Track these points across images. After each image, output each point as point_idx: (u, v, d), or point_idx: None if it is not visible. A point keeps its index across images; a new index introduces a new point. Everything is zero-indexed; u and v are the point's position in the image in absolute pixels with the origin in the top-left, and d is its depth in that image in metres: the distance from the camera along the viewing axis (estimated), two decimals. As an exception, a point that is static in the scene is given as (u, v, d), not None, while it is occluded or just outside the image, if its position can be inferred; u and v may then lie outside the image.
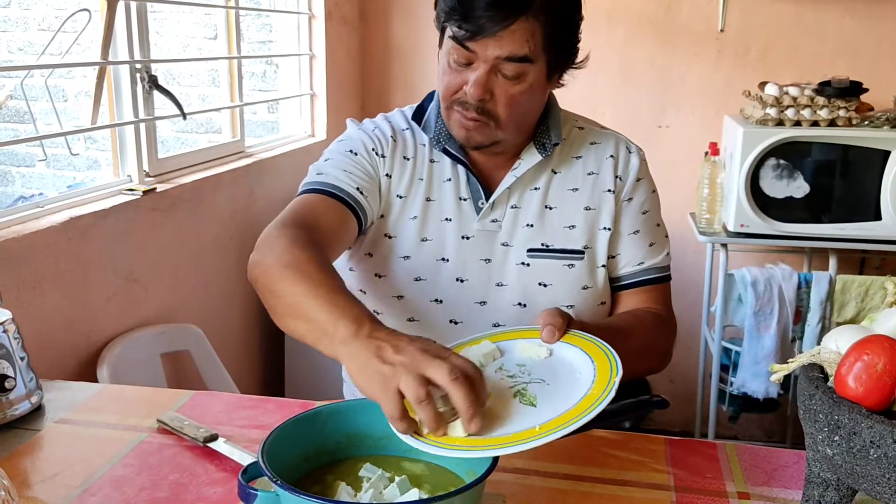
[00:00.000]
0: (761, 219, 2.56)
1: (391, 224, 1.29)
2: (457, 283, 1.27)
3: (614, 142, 1.36)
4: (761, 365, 2.67)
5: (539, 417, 0.89)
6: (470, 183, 1.29)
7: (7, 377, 1.17)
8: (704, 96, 3.06)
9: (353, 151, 1.30)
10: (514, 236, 1.29)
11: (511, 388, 0.96)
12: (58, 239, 1.71)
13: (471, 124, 1.20)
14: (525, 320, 1.24)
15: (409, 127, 1.35)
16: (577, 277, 1.28)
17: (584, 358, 0.99)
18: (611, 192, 1.32)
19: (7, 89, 2.86)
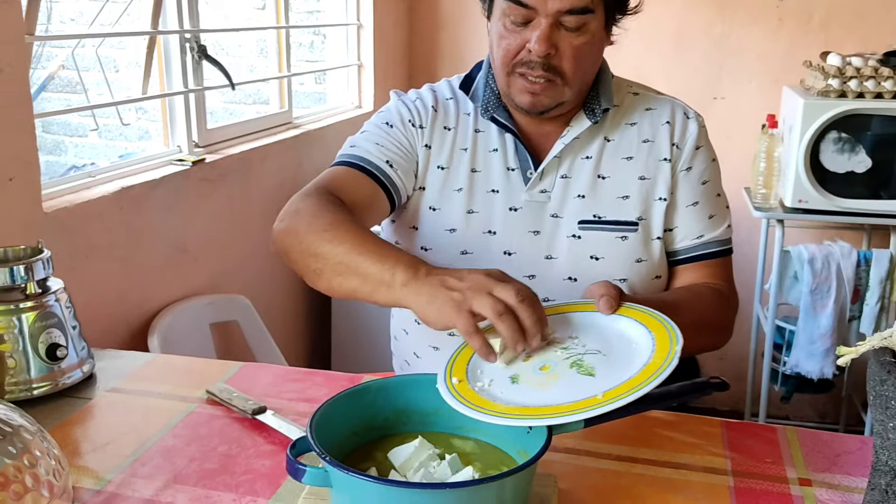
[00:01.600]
0: (820, 194, 2.47)
1: (434, 196, 1.27)
2: (505, 256, 1.24)
3: (671, 107, 1.30)
4: (816, 345, 2.60)
5: (599, 386, 0.86)
6: (518, 152, 1.26)
7: (59, 346, 1.18)
8: (763, 66, 2.96)
9: (388, 123, 1.29)
10: (565, 207, 1.24)
11: (567, 360, 0.94)
12: (109, 208, 1.72)
13: (538, 86, 1.17)
14: (575, 295, 1.18)
15: (453, 96, 1.32)
16: (631, 250, 1.24)
17: (641, 329, 0.96)
18: (667, 160, 1.26)
19: (59, 60, 2.90)
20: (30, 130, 1.49)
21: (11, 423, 0.89)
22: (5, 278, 1.16)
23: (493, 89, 1.26)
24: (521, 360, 0.95)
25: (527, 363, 0.95)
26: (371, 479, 0.81)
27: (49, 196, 1.62)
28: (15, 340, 1.15)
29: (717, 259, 1.29)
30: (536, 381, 0.91)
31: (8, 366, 1.15)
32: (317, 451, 0.81)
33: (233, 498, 0.95)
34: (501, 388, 0.91)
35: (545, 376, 0.91)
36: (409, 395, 0.97)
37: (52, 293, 1.20)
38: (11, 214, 1.46)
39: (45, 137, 3.41)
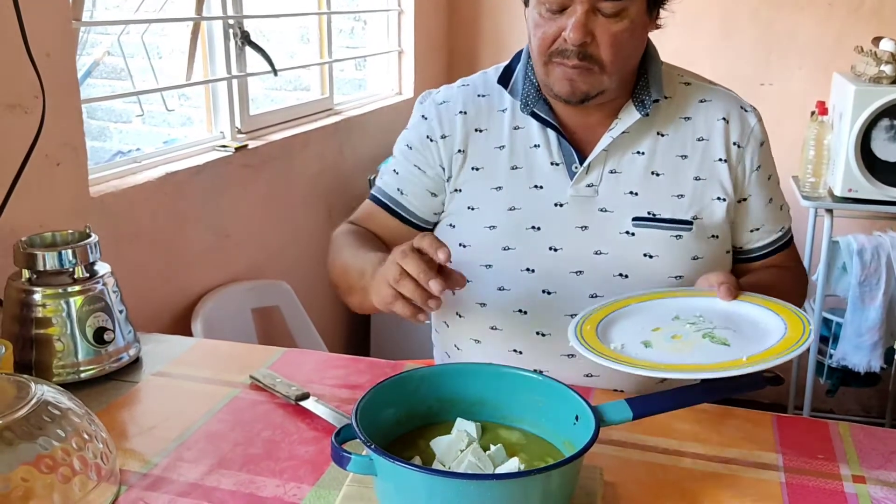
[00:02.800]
0: (871, 183, 2.41)
1: (470, 196, 1.25)
2: (550, 251, 1.21)
3: (726, 101, 1.25)
4: (864, 337, 2.54)
5: (739, 352, 0.88)
6: (562, 147, 1.22)
7: (106, 329, 1.19)
8: (812, 52, 2.89)
9: (409, 146, 1.31)
10: (615, 203, 1.20)
11: (698, 332, 0.95)
12: (154, 194, 1.74)
13: (574, 73, 1.13)
14: (628, 291, 1.16)
15: (487, 93, 1.28)
16: (686, 248, 1.20)
17: (764, 311, 1.00)
18: (723, 161, 1.22)
19: (104, 46, 2.93)
20: (77, 116, 1.51)
21: (60, 405, 0.90)
22: (54, 262, 1.17)
23: (532, 82, 1.22)
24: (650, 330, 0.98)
25: (656, 332, 0.97)
26: (416, 468, 0.81)
27: (95, 181, 1.63)
28: (63, 324, 1.17)
29: (790, 247, 1.33)
30: (670, 347, 0.93)
31: (56, 349, 1.17)
32: (362, 439, 0.81)
33: (276, 483, 0.95)
34: (636, 350, 0.93)
35: (679, 343, 0.93)
36: (453, 384, 0.97)
37: (99, 277, 1.21)
38: (59, 199, 1.48)
39: (90, 123, 3.45)
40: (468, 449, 0.87)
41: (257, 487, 0.94)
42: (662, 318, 1.02)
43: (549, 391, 0.93)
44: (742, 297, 1.05)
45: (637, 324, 1.01)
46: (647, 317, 1.03)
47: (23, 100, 1.36)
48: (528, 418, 0.95)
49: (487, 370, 0.99)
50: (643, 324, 1.01)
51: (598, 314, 1.03)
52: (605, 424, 0.87)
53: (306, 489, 0.94)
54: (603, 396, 1.16)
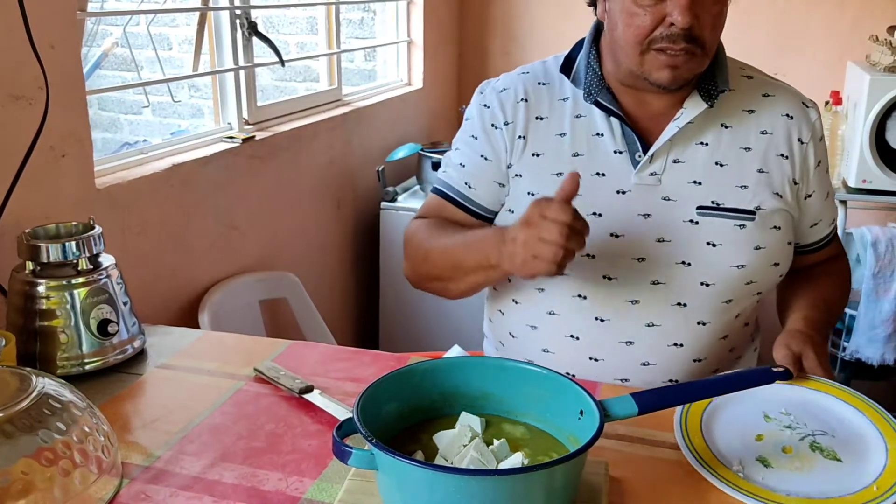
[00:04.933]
0: (886, 174, 2.38)
1: (530, 181, 1.24)
2: (611, 238, 1.20)
3: (789, 97, 1.25)
4: (878, 330, 2.51)
5: (861, 474, 0.92)
6: (625, 135, 1.21)
7: (110, 322, 1.19)
8: (827, 41, 2.85)
9: (473, 136, 1.30)
10: (679, 192, 1.20)
11: (802, 440, 0.98)
12: (161, 186, 1.73)
13: (680, 59, 1.12)
14: (686, 279, 1.19)
15: (548, 82, 1.28)
16: (750, 238, 1.20)
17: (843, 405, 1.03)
18: (785, 157, 1.22)
19: (113, 37, 2.93)
20: (82, 107, 1.50)
21: (61, 398, 0.90)
22: (58, 254, 1.17)
23: (595, 71, 1.23)
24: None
25: (761, 442, 0.98)
26: (417, 463, 0.80)
27: (101, 173, 1.63)
28: (67, 316, 1.16)
29: (836, 232, 1.38)
30: (789, 465, 0.94)
31: (60, 341, 1.16)
32: (363, 433, 0.80)
33: (279, 477, 0.94)
34: (761, 473, 0.93)
35: (795, 460, 0.95)
36: (456, 378, 0.96)
37: (103, 269, 1.21)
38: (64, 191, 1.47)
39: (101, 115, 3.46)
40: (471, 444, 0.86)
41: (259, 481, 0.94)
42: (755, 417, 1.03)
43: (553, 385, 0.92)
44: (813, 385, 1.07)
45: (733, 426, 1.01)
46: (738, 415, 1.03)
47: (27, 91, 1.36)
48: (533, 412, 0.94)
49: (491, 364, 0.98)
50: (741, 427, 1.01)
51: (695, 409, 1.03)
52: (609, 419, 0.86)
53: (309, 483, 0.93)
54: (609, 391, 1.14)
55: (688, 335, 1.21)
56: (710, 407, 1.03)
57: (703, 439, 0.97)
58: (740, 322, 1.26)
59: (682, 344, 1.21)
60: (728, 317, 1.23)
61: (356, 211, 2.58)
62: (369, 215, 2.65)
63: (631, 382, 1.22)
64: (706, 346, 1.23)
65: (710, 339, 1.23)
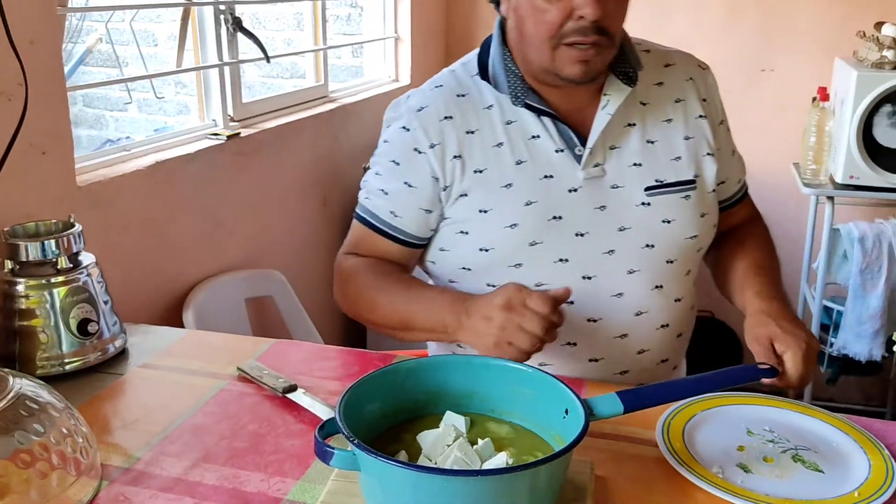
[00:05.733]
0: (872, 170, 2.38)
1: (481, 199, 1.20)
2: (577, 237, 1.19)
3: (686, 62, 1.30)
4: (865, 326, 2.52)
5: (843, 484, 0.91)
6: (561, 132, 1.20)
7: (90, 321, 1.17)
8: (814, 37, 2.85)
9: (395, 161, 1.24)
10: (624, 178, 1.21)
11: (784, 453, 0.97)
12: (144, 183, 1.71)
13: (590, 52, 1.12)
14: (655, 261, 1.21)
15: (464, 93, 1.24)
16: (695, 206, 1.23)
17: (822, 425, 1.03)
18: (702, 117, 1.26)
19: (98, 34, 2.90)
20: (62, 103, 1.48)
21: (39, 399, 0.88)
22: (37, 253, 1.15)
23: (515, 73, 1.20)
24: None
25: (742, 452, 0.97)
26: (399, 463, 0.79)
27: (83, 170, 1.61)
28: (46, 315, 1.15)
29: (747, 193, 1.39)
30: (769, 473, 0.93)
31: (40, 341, 1.15)
32: (345, 433, 0.79)
33: (261, 478, 0.93)
34: (740, 477, 0.92)
35: (776, 468, 0.94)
36: (440, 377, 0.95)
37: (83, 268, 1.19)
38: (44, 188, 1.45)
39: (87, 111, 3.43)
40: (455, 444, 0.85)
41: (241, 482, 0.92)
42: (737, 431, 1.02)
43: (538, 384, 0.91)
44: (792, 407, 1.07)
45: (715, 437, 1.00)
46: (720, 429, 1.03)
47: (6, 87, 1.34)
48: (518, 411, 0.93)
49: (476, 362, 0.97)
50: (723, 439, 1.00)
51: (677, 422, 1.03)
52: (595, 418, 0.85)
53: (291, 483, 0.92)
54: (595, 390, 1.14)
55: (671, 314, 1.24)
56: (693, 421, 1.02)
57: (685, 446, 0.97)
58: (696, 288, 1.32)
59: (668, 324, 1.24)
60: (690, 286, 1.29)
61: (343, 208, 2.56)
62: (356, 213, 2.63)
63: (630, 374, 1.23)
64: (681, 319, 1.27)
65: (685, 312, 1.27)
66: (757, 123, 2.89)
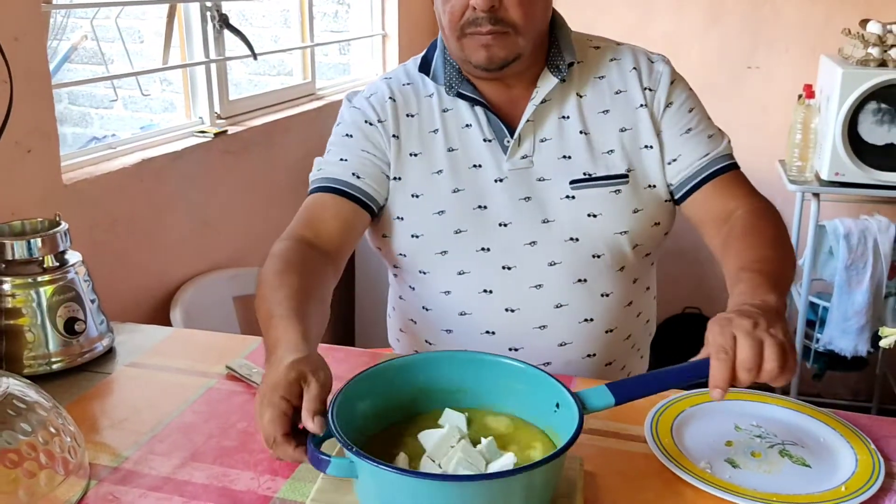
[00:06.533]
0: (858, 167, 2.40)
1: (413, 183, 1.23)
2: (500, 227, 1.21)
3: (632, 54, 1.28)
4: (851, 322, 2.53)
5: (830, 478, 0.92)
6: (491, 122, 1.23)
7: (77, 320, 1.16)
8: (799, 34, 2.86)
9: (348, 135, 1.26)
10: (551, 170, 1.22)
11: (772, 448, 0.98)
12: (130, 181, 1.71)
13: (489, 38, 1.14)
14: (579, 255, 1.20)
15: (410, 82, 1.29)
16: (626, 202, 1.21)
17: (809, 420, 1.03)
18: (643, 106, 1.24)
19: (83, 31, 2.88)
20: (48, 101, 1.47)
21: (26, 399, 0.88)
22: (23, 251, 1.14)
23: (452, 64, 1.24)
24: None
25: (730, 447, 0.98)
26: (405, 472, 0.78)
27: (69, 168, 1.60)
28: (33, 314, 1.14)
29: (730, 173, 1.23)
30: (757, 468, 0.94)
31: (26, 340, 1.14)
32: (342, 441, 0.78)
33: (251, 476, 0.93)
34: (728, 472, 0.93)
35: (764, 463, 0.95)
36: (431, 374, 0.95)
37: (70, 266, 1.18)
38: (30, 186, 1.44)
39: (72, 109, 3.40)
40: (458, 445, 0.84)
41: (231, 481, 0.92)
42: (725, 427, 1.02)
43: (528, 378, 0.91)
44: (787, 405, 1.07)
45: (703, 433, 1.01)
46: (708, 425, 1.03)
47: (-9, 84, 1.33)
48: (510, 406, 0.93)
49: (465, 357, 0.97)
50: (711, 435, 1.01)
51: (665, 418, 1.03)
52: (587, 411, 0.85)
53: (281, 482, 0.92)
54: (583, 384, 1.14)
55: (595, 309, 1.23)
56: (681, 416, 1.03)
57: (674, 442, 0.97)
58: (641, 287, 1.28)
59: (592, 318, 1.23)
60: (626, 283, 1.24)
61: (331, 206, 2.56)
62: (344, 210, 2.62)
63: (553, 366, 1.23)
64: (615, 317, 1.24)
65: (616, 308, 1.24)
66: (742, 120, 2.90)
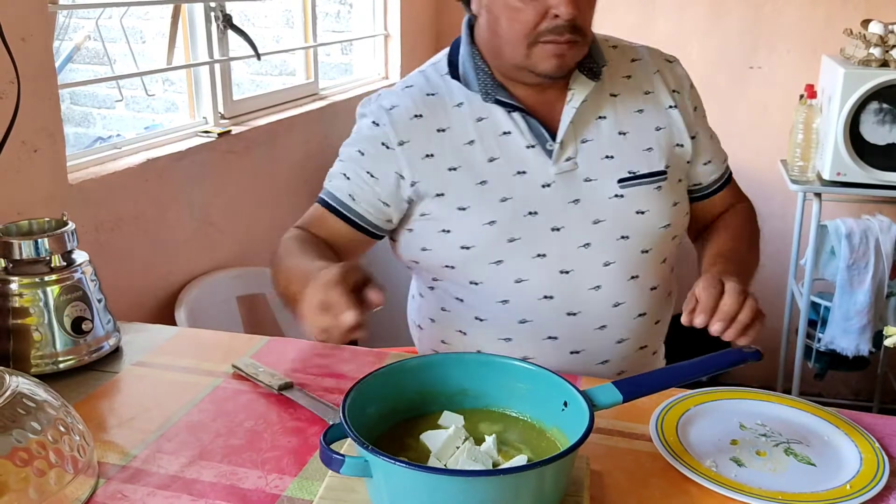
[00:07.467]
0: (859, 167, 2.40)
1: (457, 197, 1.21)
2: (553, 232, 1.21)
3: (653, 56, 1.32)
4: (853, 321, 2.54)
5: (835, 476, 0.92)
6: (532, 128, 1.22)
7: (84, 319, 1.17)
8: (801, 34, 2.87)
9: (360, 152, 1.26)
10: (596, 170, 1.22)
11: (777, 447, 0.98)
12: (135, 180, 1.71)
13: (565, 48, 1.15)
14: (630, 252, 1.22)
15: (434, 92, 1.25)
16: (667, 196, 1.25)
17: (811, 418, 1.04)
18: (673, 107, 1.28)
19: (86, 31, 2.89)
20: (54, 101, 1.47)
21: (35, 398, 0.88)
22: (30, 251, 1.15)
23: (484, 71, 1.22)
24: None
25: (735, 446, 0.98)
26: (423, 469, 0.78)
27: (74, 168, 1.60)
28: (40, 314, 1.15)
29: (732, 178, 1.40)
30: (762, 466, 0.94)
31: (34, 339, 1.14)
32: (358, 442, 0.77)
33: (259, 475, 0.93)
34: (734, 471, 0.93)
35: (770, 462, 0.95)
36: (436, 376, 0.95)
37: (77, 266, 1.19)
38: (36, 186, 1.45)
39: (74, 109, 3.41)
40: (464, 445, 0.84)
41: (239, 479, 0.93)
42: (730, 426, 1.03)
43: (534, 378, 0.92)
44: (792, 403, 1.08)
45: (708, 431, 1.01)
46: (713, 423, 1.03)
47: (-3, 85, 1.34)
48: (514, 406, 0.94)
49: (471, 359, 0.98)
50: (716, 433, 1.01)
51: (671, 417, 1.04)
52: (596, 409, 0.86)
53: (289, 480, 0.92)
54: (589, 383, 1.14)
55: (646, 303, 1.25)
56: (686, 415, 1.03)
57: (679, 441, 0.98)
58: (675, 275, 1.35)
59: (644, 313, 1.25)
60: (667, 274, 1.30)
61: (334, 206, 2.57)
62: (347, 210, 2.63)
63: (610, 363, 1.25)
64: (660, 308, 1.29)
65: (661, 300, 1.29)
66: (744, 120, 2.91)
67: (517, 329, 1.24)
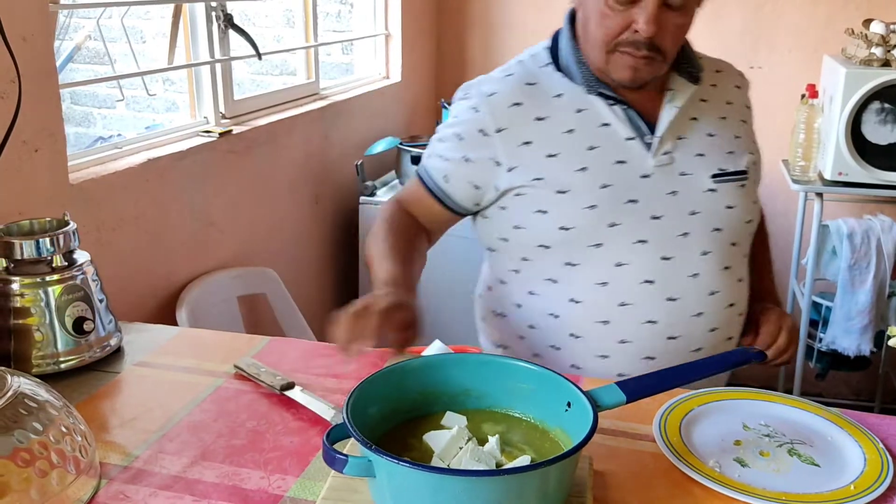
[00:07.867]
0: (861, 166, 2.40)
1: (557, 181, 1.25)
2: (653, 220, 1.24)
3: (732, 71, 1.41)
4: (854, 321, 2.54)
5: (839, 477, 0.92)
6: (632, 121, 1.27)
7: (86, 319, 1.17)
8: (802, 34, 2.87)
9: (459, 136, 1.30)
10: (691, 166, 1.28)
11: (780, 447, 0.98)
12: (136, 180, 1.71)
13: (640, 62, 1.21)
14: (723, 244, 1.27)
15: (534, 82, 1.30)
16: (749, 194, 1.32)
17: (815, 418, 1.04)
18: (744, 122, 1.37)
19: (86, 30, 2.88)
20: (55, 101, 1.47)
21: (37, 398, 0.88)
22: (31, 251, 1.15)
23: (586, 65, 1.28)
24: None
25: (738, 446, 0.98)
26: (429, 469, 0.78)
27: (75, 168, 1.60)
28: (42, 314, 1.14)
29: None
30: (766, 467, 0.94)
31: (35, 339, 1.14)
32: (362, 442, 0.77)
33: (261, 475, 0.93)
34: (737, 471, 0.93)
35: (773, 462, 0.95)
36: (438, 376, 0.95)
37: (78, 266, 1.19)
38: (37, 186, 1.45)
39: (74, 109, 3.41)
40: (467, 445, 0.84)
41: (241, 479, 0.92)
42: (734, 426, 1.03)
43: (537, 379, 0.92)
44: (796, 404, 1.08)
45: (712, 431, 1.01)
46: (717, 423, 1.03)
47: (-2, 84, 1.33)
48: (517, 406, 0.93)
49: (473, 359, 0.97)
50: (719, 434, 1.01)
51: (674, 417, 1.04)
52: (600, 409, 0.86)
53: (291, 480, 0.92)
54: (591, 384, 1.14)
55: (735, 293, 1.30)
56: (689, 416, 1.03)
57: (682, 441, 0.98)
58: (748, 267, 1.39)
59: (734, 303, 1.29)
60: (747, 267, 1.35)
61: (334, 206, 2.56)
62: (348, 210, 2.63)
63: (703, 351, 1.27)
64: (743, 297, 1.33)
65: (744, 290, 1.33)
66: (746, 120, 2.91)
67: (616, 311, 1.25)
